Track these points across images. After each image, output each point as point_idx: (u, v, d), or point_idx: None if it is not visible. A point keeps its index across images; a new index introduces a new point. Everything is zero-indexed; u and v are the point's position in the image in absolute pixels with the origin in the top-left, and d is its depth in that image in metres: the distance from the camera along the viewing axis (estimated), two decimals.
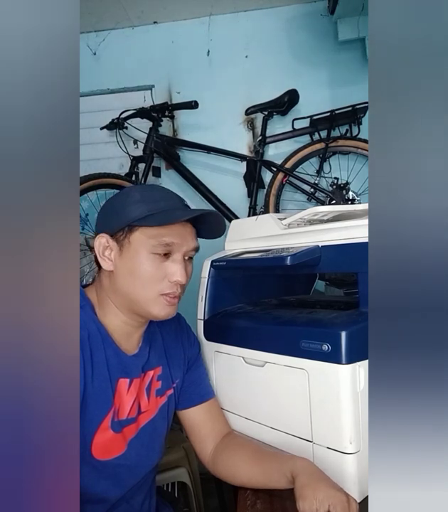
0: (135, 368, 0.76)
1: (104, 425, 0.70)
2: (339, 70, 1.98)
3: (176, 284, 0.72)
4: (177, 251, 0.72)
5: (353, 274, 0.86)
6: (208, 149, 1.89)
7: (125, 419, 0.73)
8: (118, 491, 0.74)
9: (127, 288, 0.71)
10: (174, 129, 2.07)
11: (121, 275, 0.71)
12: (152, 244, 0.70)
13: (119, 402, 0.72)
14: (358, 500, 0.64)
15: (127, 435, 0.74)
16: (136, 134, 1.93)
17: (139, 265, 0.70)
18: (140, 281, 0.70)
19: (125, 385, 0.73)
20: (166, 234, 0.70)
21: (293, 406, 0.72)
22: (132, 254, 0.70)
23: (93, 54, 2.10)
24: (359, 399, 0.65)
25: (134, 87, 2.10)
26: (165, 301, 0.72)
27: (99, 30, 2.08)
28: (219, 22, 2.05)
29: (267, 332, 0.78)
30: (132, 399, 0.74)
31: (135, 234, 0.70)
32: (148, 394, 0.78)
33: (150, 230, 0.70)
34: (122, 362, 0.74)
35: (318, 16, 2.00)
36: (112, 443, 0.71)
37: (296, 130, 1.89)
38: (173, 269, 0.71)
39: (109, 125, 1.91)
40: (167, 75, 2.07)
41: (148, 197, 0.73)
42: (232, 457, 0.78)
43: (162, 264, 0.71)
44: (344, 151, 1.89)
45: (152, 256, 0.70)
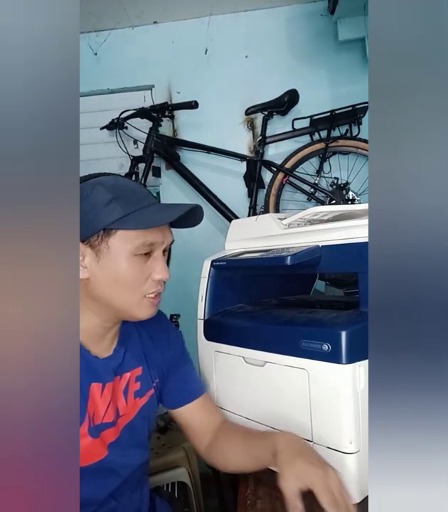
0: (106, 371, 0.74)
1: (81, 432, 0.68)
2: (339, 70, 1.98)
3: (159, 282, 0.71)
4: (157, 248, 0.70)
5: (353, 274, 0.86)
6: (208, 149, 1.89)
7: (101, 424, 0.72)
8: (102, 491, 0.73)
9: (109, 295, 0.68)
10: (174, 129, 2.07)
11: (102, 282, 0.68)
12: (135, 245, 0.67)
13: (93, 407, 0.71)
14: (358, 500, 0.65)
15: (106, 439, 0.73)
16: (136, 134, 1.93)
17: (123, 270, 0.67)
18: (124, 286, 0.68)
19: (98, 389, 0.72)
20: (148, 234, 0.67)
21: (293, 406, 0.72)
22: (113, 259, 0.67)
23: (94, 54, 2.10)
24: (359, 399, 0.65)
25: (134, 87, 2.10)
26: (148, 302, 0.70)
27: (99, 30, 2.08)
28: (219, 22, 2.05)
29: (267, 332, 0.78)
30: (106, 403, 0.73)
31: (113, 237, 0.66)
32: (125, 396, 0.77)
33: (130, 232, 0.67)
34: (91, 367, 0.71)
35: (318, 15, 2.00)
36: (91, 448, 0.70)
37: (296, 130, 1.89)
38: (157, 267, 0.70)
39: (109, 125, 1.91)
40: (167, 75, 2.07)
41: (119, 193, 0.68)
42: (224, 444, 0.79)
43: (144, 265, 0.69)
44: (344, 151, 1.89)
45: (135, 258, 0.67)
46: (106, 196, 0.67)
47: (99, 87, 2.09)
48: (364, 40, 1.88)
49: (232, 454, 0.77)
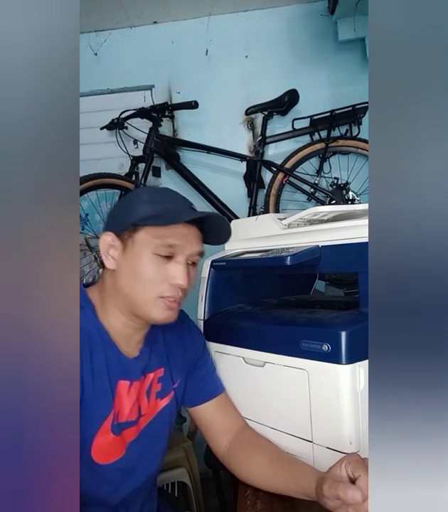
0: (135, 370, 0.75)
1: (105, 428, 0.69)
2: (339, 70, 1.98)
3: (177, 288, 0.70)
4: (180, 253, 0.70)
5: (353, 274, 0.86)
6: (208, 149, 1.89)
7: (124, 422, 0.72)
8: (118, 495, 0.74)
9: (128, 289, 0.70)
10: (174, 129, 2.07)
11: (123, 275, 0.70)
12: (155, 244, 0.68)
13: (118, 405, 0.72)
14: None
15: (126, 438, 0.73)
16: (136, 134, 1.93)
17: (141, 265, 0.69)
18: (140, 282, 0.69)
19: (125, 387, 0.73)
20: (169, 235, 0.69)
21: (293, 406, 0.72)
22: (135, 254, 0.69)
23: (94, 54, 2.10)
24: (359, 399, 0.65)
25: (134, 87, 2.10)
26: (164, 304, 0.70)
27: (99, 30, 2.08)
28: (219, 22, 2.05)
29: (267, 332, 0.78)
30: (132, 401, 0.73)
31: (139, 234, 0.69)
32: (148, 396, 0.77)
33: (154, 230, 0.68)
34: (122, 364, 0.73)
35: (318, 15, 2.00)
36: (112, 446, 0.71)
37: (296, 130, 1.89)
38: (175, 271, 0.69)
39: (109, 125, 1.91)
40: (167, 75, 2.07)
41: (156, 198, 0.72)
42: (249, 458, 0.76)
43: (164, 266, 0.69)
44: (344, 151, 1.89)
45: (155, 257, 0.69)
46: (143, 197, 0.73)
47: (99, 87, 2.10)
48: (364, 40, 1.89)
49: (260, 475, 0.73)
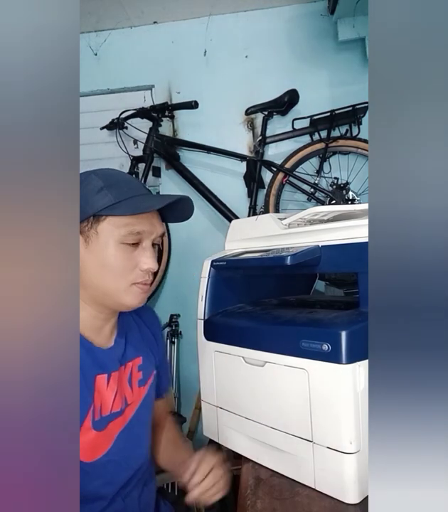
0: (112, 361, 0.75)
1: (85, 426, 0.68)
2: (339, 70, 1.98)
3: (148, 272, 0.71)
4: (146, 238, 0.71)
5: (353, 274, 0.86)
6: (208, 149, 1.89)
7: (109, 414, 0.72)
8: (113, 487, 0.74)
9: (98, 281, 0.69)
10: (174, 129, 2.07)
11: (90, 268, 0.69)
12: (122, 234, 0.68)
13: (99, 399, 0.71)
14: (358, 500, 0.65)
15: (114, 430, 0.73)
16: (136, 134, 1.93)
17: (109, 256, 0.68)
18: (110, 272, 0.68)
19: (103, 381, 0.72)
20: (136, 223, 0.68)
21: (293, 406, 0.72)
22: (101, 245, 0.68)
23: (94, 54, 2.10)
24: (359, 399, 0.65)
25: (134, 87, 2.10)
26: (138, 288, 0.71)
27: (99, 30, 2.08)
28: (219, 22, 2.05)
29: (267, 332, 0.78)
30: (113, 393, 0.73)
31: (102, 224, 0.67)
32: (130, 385, 0.78)
33: (119, 219, 0.67)
34: (97, 358, 0.72)
35: (318, 15, 2.00)
36: (96, 442, 0.70)
37: (296, 130, 1.88)
38: (144, 257, 0.70)
39: (109, 125, 1.91)
40: (167, 75, 2.07)
41: (111, 182, 0.69)
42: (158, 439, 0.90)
43: (132, 254, 0.69)
44: (344, 151, 1.89)
45: (122, 246, 0.68)
46: (98, 184, 0.68)
47: (99, 87, 2.09)
48: (364, 40, 1.88)
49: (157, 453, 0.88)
